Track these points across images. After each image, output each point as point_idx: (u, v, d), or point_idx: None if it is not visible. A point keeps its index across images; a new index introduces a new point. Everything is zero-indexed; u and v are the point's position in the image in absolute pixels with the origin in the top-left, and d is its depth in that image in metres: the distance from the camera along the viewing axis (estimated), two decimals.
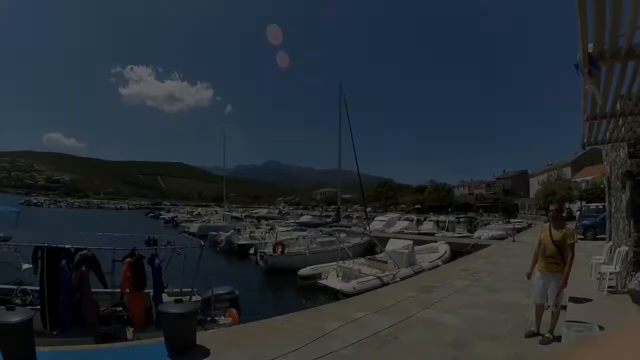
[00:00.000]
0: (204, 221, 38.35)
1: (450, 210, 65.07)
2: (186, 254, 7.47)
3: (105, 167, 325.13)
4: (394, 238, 16.47)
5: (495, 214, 60.63)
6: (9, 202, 41.17)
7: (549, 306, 5.21)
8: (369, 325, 5.99)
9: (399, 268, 12.58)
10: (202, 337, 5.30)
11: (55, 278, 6.19)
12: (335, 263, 13.50)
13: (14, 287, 7.89)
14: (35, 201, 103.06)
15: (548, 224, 5.33)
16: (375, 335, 5.54)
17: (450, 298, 7.81)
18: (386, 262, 13.09)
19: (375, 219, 34.06)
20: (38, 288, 6.89)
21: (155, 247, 6.82)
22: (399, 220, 33.68)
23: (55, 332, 5.99)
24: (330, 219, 25.57)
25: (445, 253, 16.50)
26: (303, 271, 13.53)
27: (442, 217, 40.01)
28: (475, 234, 26.72)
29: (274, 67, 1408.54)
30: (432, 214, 56.98)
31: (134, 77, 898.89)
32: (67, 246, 6.30)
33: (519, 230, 29.13)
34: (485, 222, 37.05)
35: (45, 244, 6.21)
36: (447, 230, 30.67)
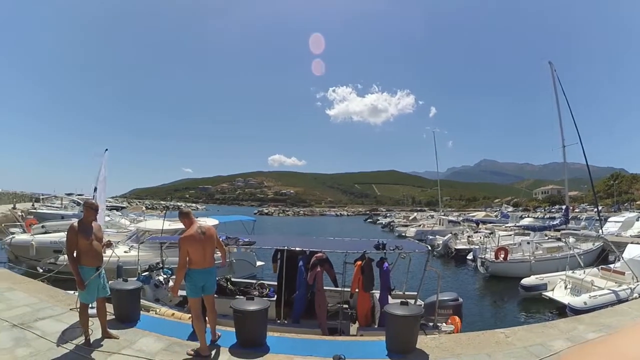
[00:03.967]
0: (420, 225, 38.78)
1: None
2: (411, 258, 7.75)
3: (324, 180, 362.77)
4: (633, 243, 13.20)
5: None
6: (246, 212, 50.85)
7: None
8: None
9: (638, 281, 10.14)
10: (423, 342, 5.40)
11: (291, 276, 7.19)
12: (563, 273, 11.84)
13: (253, 281, 9.55)
14: (266, 211, 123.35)
15: None
16: None
17: None
18: (623, 274, 10.74)
19: (609, 219, 28.15)
20: (274, 282, 8.17)
21: (384, 251, 7.16)
22: (638, 220, 26.72)
23: (285, 322, 6.88)
24: (556, 222, 22.80)
25: None
26: (527, 280, 12.38)
27: None
28: None
29: (471, 60, 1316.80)
30: None
31: (337, 98, 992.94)
32: (304, 249, 7.39)
33: None
34: None
35: (286, 247, 7.30)
36: None
